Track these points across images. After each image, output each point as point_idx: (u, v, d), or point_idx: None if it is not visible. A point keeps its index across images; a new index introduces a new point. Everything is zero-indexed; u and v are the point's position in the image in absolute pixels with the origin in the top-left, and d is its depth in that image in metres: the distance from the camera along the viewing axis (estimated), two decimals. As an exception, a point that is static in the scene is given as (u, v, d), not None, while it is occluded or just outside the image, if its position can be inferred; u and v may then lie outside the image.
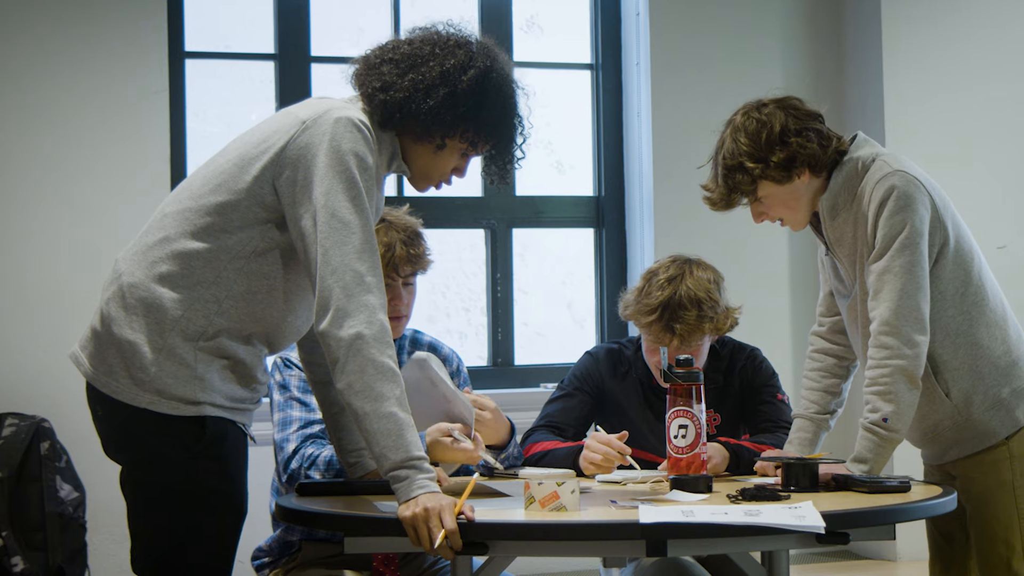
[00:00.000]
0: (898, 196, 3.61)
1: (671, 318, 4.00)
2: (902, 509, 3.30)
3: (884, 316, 3.58)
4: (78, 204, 5.52)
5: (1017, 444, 3.72)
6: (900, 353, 3.56)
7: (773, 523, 2.98)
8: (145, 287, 3.14)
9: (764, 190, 3.71)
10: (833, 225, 3.74)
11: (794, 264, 6.43)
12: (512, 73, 3.38)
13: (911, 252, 3.59)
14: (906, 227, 3.60)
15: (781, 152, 3.68)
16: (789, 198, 3.73)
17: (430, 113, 3.24)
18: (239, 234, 3.17)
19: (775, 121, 3.71)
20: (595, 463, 3.85)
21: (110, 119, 5.56)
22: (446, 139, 3.30)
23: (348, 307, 3.06)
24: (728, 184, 3.73)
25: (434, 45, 3.28)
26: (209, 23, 5.96)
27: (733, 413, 4.21)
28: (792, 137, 3.69)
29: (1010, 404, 3.71)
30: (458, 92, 3.24)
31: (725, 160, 3.72)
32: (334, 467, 3.66)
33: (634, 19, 6.38)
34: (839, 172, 3.72)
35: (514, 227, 6.33)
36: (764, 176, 3.69)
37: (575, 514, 3.13)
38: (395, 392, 3.06)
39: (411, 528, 2.99)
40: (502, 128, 3.34)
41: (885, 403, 3.56)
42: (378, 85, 3.26)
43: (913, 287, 3.59)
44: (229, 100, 5.99)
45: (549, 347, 6.47)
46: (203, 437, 3.15)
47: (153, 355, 3.11)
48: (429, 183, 3.40)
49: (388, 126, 3.28)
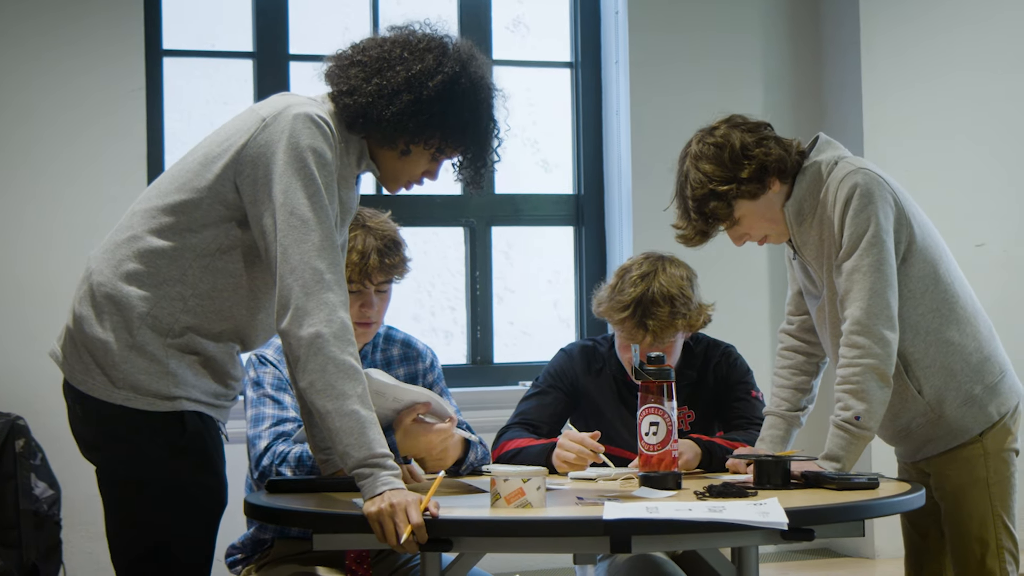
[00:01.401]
0: (861, 194, 3.61)
1: (644, 315, 4.00)
2: (869, 505, 3.31)
3: (855, 315, 3.59)
4: (53, 203, 5.51)
5: (991, 440, 3.74)
6: (871, 352, 3.57)
7: (736, 519, 2.98)
8: (112, 285, 3.15)
9: (740, 210, 3.70)
10: (800, 230, 3.74)
11: (772, 260, 6.43)
12: (487, 76, 3.34)
13: (878, 250, 3.60)
14: (871, 224, 3.60)
15: (749, 166, 3.67)
16: (766, 211, 3.73)
17: (392, 119, 3.22)
18: (203, 233, 3.17)
19: (732, 139, 3.69)
20: (568, 461, 3.86)
21: (87, 117, 5.54)
22: (411, 145, 3.28)
23: (307, 305, 3.06)
24: (703, 215, 3.69)
25: (404, 48, 3.25)
26: (188, 21, 5.95)
27: (707, 410, 4.21)
28: (754, 149, 3.68)
29: (983, 400, 3.72)
30: (422, 99, 3.21)
31: (694, 192, 3.69)
32: (304, 464, 3.65)
33: (613, 17, 6.38)
34: (802, 177, 3.72)
35: (493, 225, 6.32)
36: (739, 195, 3.67)
37: (541, 511, 3.14)
38: (357, 390, 3.05)
39: (376, 524, 2.99)
40: (471, 135, 3.31)
41: (857, 401, 3.57)
42: (344, 88, 3.25)
43: (882, 284, 3.59)
44: (208, 98, 5.98)
45: (535, 345, 6.46)
46: (185, 433, 3.15)
47: (124, 352, 3.11)
48: (398, 185, 3.39)
49: (353, 129, 3.27)
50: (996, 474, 3.73)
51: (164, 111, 5.78)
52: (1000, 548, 3.70)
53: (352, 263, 3.76)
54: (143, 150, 5.54)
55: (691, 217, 3.71)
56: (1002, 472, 3.74)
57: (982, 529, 3.72)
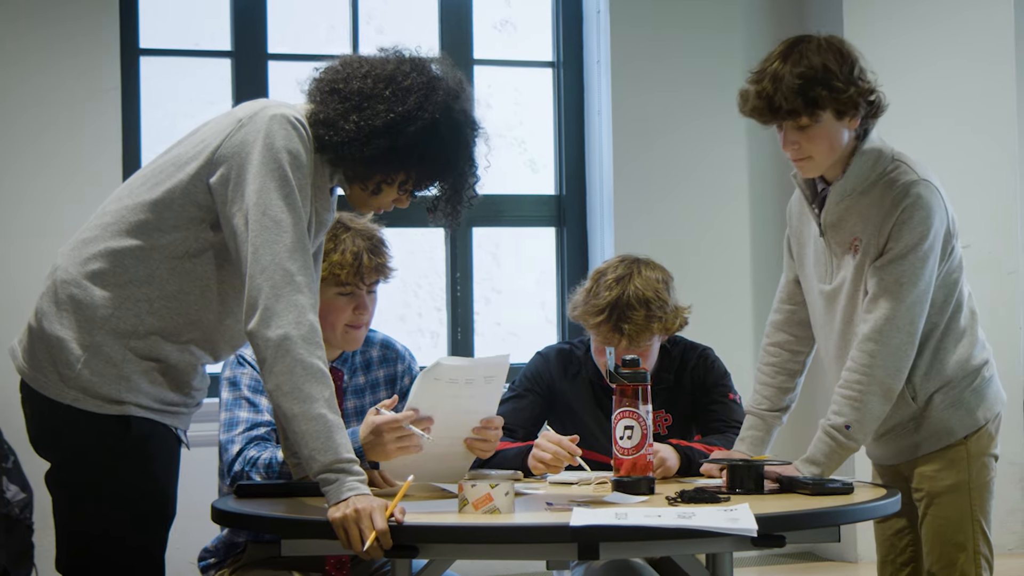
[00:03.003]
0: (922, 207, 3.56)
1: (619, 318, 3.98)
2: (842, 511, 3.27)
3: (878, 323, 3.55)
4: (27, 202, 5.47)
5: (974, 444, 3.70)
6: (883, 364, 3.54)
7: (704, 526, 2.95)
8: (76, 283, 3.12)
9: (824, 119, 3.58)
10: (836, 208, 3.68)
11: (756, 260, 6.40)
12: (470, 117, 3.28)
13: (922, 265, 3.56)
14: (923, 239, 3.56)
15: (862, 85, 3.60)
16: (833, 137, 3.61)
17: (367, 161, 3.19)
18: (173, 234, 3.14)
19: (855, 55, 3.64)
20: (544, 462, 3.82)
21: (61, 117, 5.51)
22: (382, 185, 3.26)
23: (276, 307, 3.03)
24: (803, 95, 3.54)
25: (388, 85, 3.21)
26: (166, 20, 5.93)
27: (685, 413, 4.19)
28: (865, 78, 3.62)
29: (970, 403, 3.69)
30: (399, 145, 3.18)
31: (805, 72, 3.55)
32: (274, 470, 3.62)
33: (595, 16, 6.34)
34: (859, 157, 3.64)
35: (474, 226, 6.28)
36: (838, 101, 3.56)
37: (509, 516, 3.10)
38: (324, 393, 3.02)
39: (340, 529, 2.96)
40: (445, 178, 3.29)
41: (851, 410, 3.55)
42: (322, 116, 3.21)
43: (914, 300, 3.55)
44: (186, 98, 5.96)
45: (522, 346, 6.43)
46: (127, 436, 3.12)
47: (80, 352, 3.09)
48: (367, 211, 3.38)
49: (326, 159, 3.23)
50: (977, 478, 3.69)
51: (141, 111, 5.76)
52: (977, 553, 3.67)
53: (346, 264, 3.74)
54: (118, 150, 5.52)
55: (781, 89, 3.56)
56: (982, 477, 3.70)
57: (960, 533, 3.69)
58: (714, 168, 6.39)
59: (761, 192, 6.45)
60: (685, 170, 6.34)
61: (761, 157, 6.43)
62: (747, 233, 6.40)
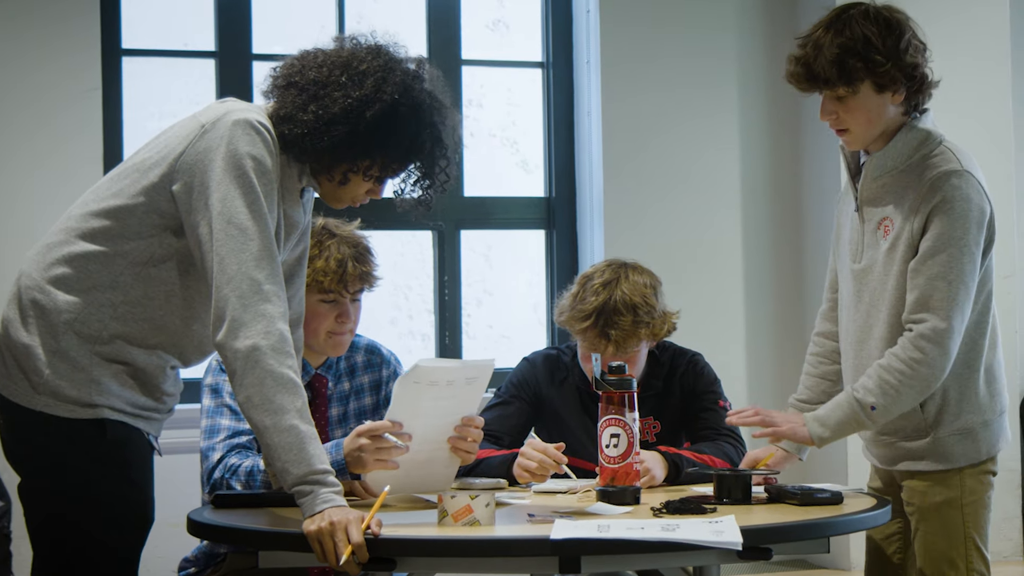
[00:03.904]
0: (965, 199, 3.49)
1: (606, 324, 3.95)
2: (830, 523, 3.22)
3: (938, 325, 3.46)
4: (4, 204, 5.39)
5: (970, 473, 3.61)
6: (934, 365, 3.47)
7: (687, 539, 2.89)
8: (40, 288, 3.09)
9: (863, 90, 3.53)
10: (873, 184, 3.62)
11: (748, 264, 6.34)
12: (434, 96, 3.24)
13: (968, 259, 3.49)
14: (969, 236, 3.48)
15: (907, 58, 3.54)
16: (873, 111, 3.56)
17: (329, 150, 3.15)
18: (136, 241, 3.10)
19: (905, 28, 3.58)
20: (529, 470, 3.78)
21: (40, 118, 5.44)
22: (349, 175, 3.21)
23: (244, 317, 2.98)
24: (839, 65, 3.50)
25: (344, 71, 3.17)
26: (149, 20, 5.88)
27: (674, 420, 4.16)
28: (919, 54, 3.58)
29: (977, 435, 3.60)
30: (359, 130, 3.14)
31: (845, 41, 3.51)
32: (254, 478, 3.60)
33: (584, 16, 6.27)
34: (903, 133, 3.58)
35: (462, 229, 6.20)
36: (875, 74, 3.51)
37: (489, 529, 3.06)
38: (296, 404, 2.97)
39: (316, 543, 2.91)
40: (412, 162, 3.25)
41: (884, 395, 3.49)
42: (281, 113, 3.17)
43: (965, 299, 3.49)
44: (169, 98, 5.90)
45: (515, 349, 6.38)
46: (103, 441, 3.07)
47: (47, 357, 3.06)
48: (342, 204, 3.33)
49: (291, 156, 3.19)
50: (971, 494, 3.61)
51: (123, 111, 5.70)
52: (971, 570, 3.60)
53: (329, 271, 3.73)
54: (99, 151, 5.45)
55: (820, 58, 3.53)
56: (977, 492, 3.62)
57: (952, 550, 3.61)
58: (706, 170, 6.32)
59: (754, 195, 6.39)
60: (677, 172, 6.28)
61: (754, 159, 6.37)
62: (739, 237, 6.33)
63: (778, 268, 6.38)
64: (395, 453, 3.38)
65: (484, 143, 6.33)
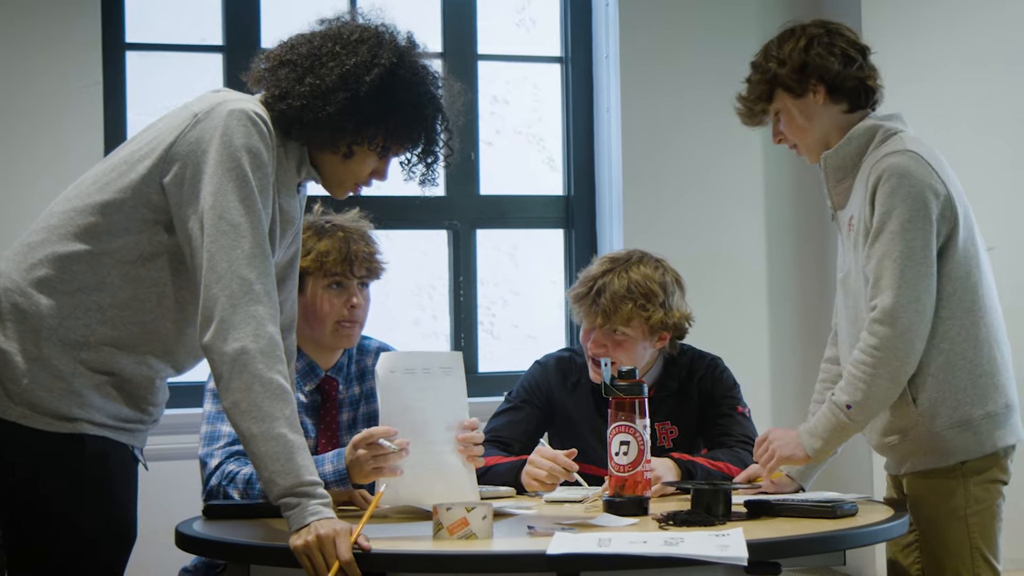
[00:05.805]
0: (902, 174, 3.43)
1: (598, 292, 3.92)
2: (843, 536, 3.15)
3: (884, 303, 3.40)
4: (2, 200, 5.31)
5: (972, 468, 3.50)
6: (892, 346, 3.39)
7: (691, 554, 2.77)
8: (21, 291, 2.97)
9: (779, 101, 3.63)
10: (840, 188, 3.61)
11: (772, 267, 6.21)
12: (429, 65, 3.18)
13: (913, 235, 3.41)
14: (909, 209, 3.41)
15: (798, 58, 3.60)
16: (801, 117, 3.61)
17: (330, 121, 3.05)
18: (124, 238, 2.98)
19: (807, 33, 3.65)
20: (538, 479, 3.69)
21: (39, 114, 5.36)
22: (353, 147, 3.11)
23: (233, 318, 2.87)
24: (750, 85, 3.68)
25: (336, 42, 3.10)
26: (155, 14, 5.80)
27: (691, 426, 4.07)
28: (812, 49, 3.62)
29: (979, 428, 3.48)
30: (360, 95, 3.05)
31: (755, 63, 3.69)
32: (253, 486, 3.52)
33: (604, 10, 6.15)
34: (855, 132, 3.58)
35: (478, 228, 6.08)
36: (777, 81, 3.61)
37: (485, 543, 2.96)
38: (284, 411, 2.86)
39: (304, 557, 2.81)
40: (417, 129, 3.15)
41: (855, 390, 3.42)
42: (276, 92, 3.09)
43: (914, 275, 3.40)
44: (176, 94, 5.80)
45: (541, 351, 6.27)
46: (82, 456, 2.95)
47: (26, 365, 2.93)
48: (345, 190, 3.22)
49: (291, 136, 3.09)
50: (976, 504, 3.50)
51: (127, 106, 5.60)
52: None
53: (334, 250, 3.69)
54: (100, 147, 5.36)
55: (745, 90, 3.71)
56: (983, 502, 3.50)
57: (958, 563, 3.51)
58: (728, 170, 6.21)
59: (778, 196, 6.27)
60: (698, 172, 6.18)
61: (777, 159, 6.25)
62: (763, 239, 6.21)
63: (802, 272, 6.26)
64: (393, 459, 3.31)
65: (508, 140, 6.23)
